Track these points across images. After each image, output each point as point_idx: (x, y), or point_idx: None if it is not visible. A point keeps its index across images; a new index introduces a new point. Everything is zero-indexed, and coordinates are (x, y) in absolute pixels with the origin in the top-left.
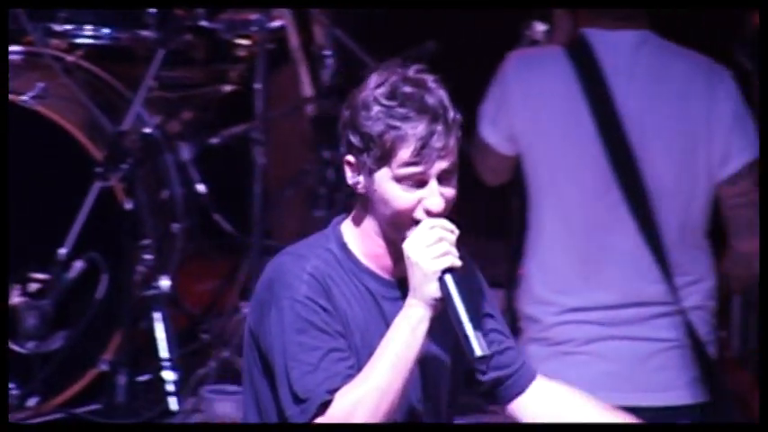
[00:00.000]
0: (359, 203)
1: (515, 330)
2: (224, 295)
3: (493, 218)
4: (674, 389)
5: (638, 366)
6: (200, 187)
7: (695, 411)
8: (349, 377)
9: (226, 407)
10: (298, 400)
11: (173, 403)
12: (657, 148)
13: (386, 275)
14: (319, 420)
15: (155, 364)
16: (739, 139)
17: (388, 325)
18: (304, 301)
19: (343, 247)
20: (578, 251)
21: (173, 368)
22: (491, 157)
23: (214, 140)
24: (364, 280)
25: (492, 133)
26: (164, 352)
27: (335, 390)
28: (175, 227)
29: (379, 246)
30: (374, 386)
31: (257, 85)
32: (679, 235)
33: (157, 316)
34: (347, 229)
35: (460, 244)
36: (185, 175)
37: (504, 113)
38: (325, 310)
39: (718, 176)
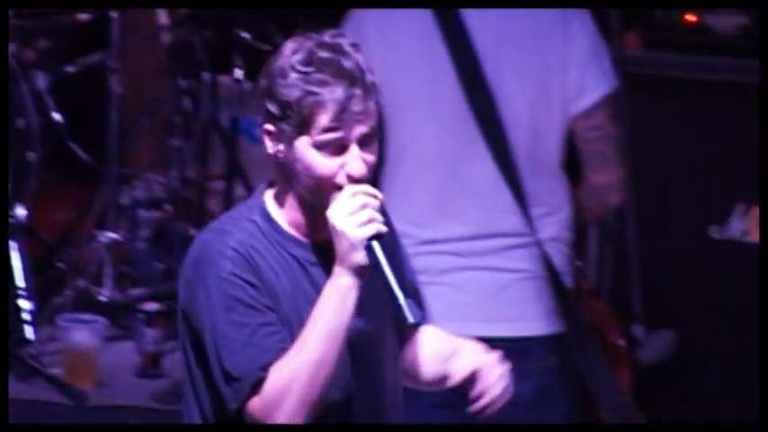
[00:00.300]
0: (280, 172)
1: None
2: (79, 224)
3: None
4: (529, 319)
5: (493, 297)
6: (56, 116)
7: (550, 342)
8: (281, 351)
9: (82, 335)
10: (230, 378)
11: (29, 332)
12: (512, 81)
13: (310, 241)
14: (255, 398)
15: (10, 292)
16: (594, 73)
17: (317, 290)
18: (229, 278)
19: (267, 216)
20: (434, 184)
21: (28, 297)
22: None
23: (70, 69)
24: (289, 248)
25: None
26: (19, 281)
27: (268, 366)
28: (31, 155)
29: (302, 213)
30: (307, 359)
31: (113, 14)
32: (534, 167)
33: (13, 245)
34: (269, 198)
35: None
36: (41, 103)
37: (362, 45)
38: (251, 284)
39: (573, 110)
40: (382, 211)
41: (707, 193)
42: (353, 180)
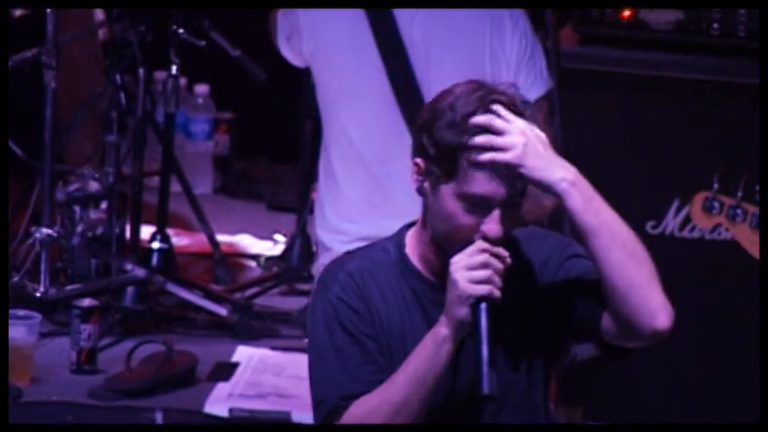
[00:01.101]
0: (424, 207)
1: (311, 254)
2: (15, 220)
3: (285, 142)
4: None
5: None
6: None
7: None
8: (367, 383)
9: (17, 331)
10: (315, 400)
11: None
12: (442, 78)
13: (435, 280)
14: (335, 424)
15: None
16: (527, 76)
17: (430, 326)
18: (334, 302)
19: (400, 247)
20: (367, 180)
21: None
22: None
23: None
24: (412, 282)
25: (287, 50)
26: None
27: (351, 396)
28: None
29: (433, 251)
30: (387, 400)
31: (48, 9)
32: None
33: None
34: (411, 232)
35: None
36: None
37: (297, 38)
38: (354, 311)
39: None
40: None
41: (645, 188)
42: (488, 241)
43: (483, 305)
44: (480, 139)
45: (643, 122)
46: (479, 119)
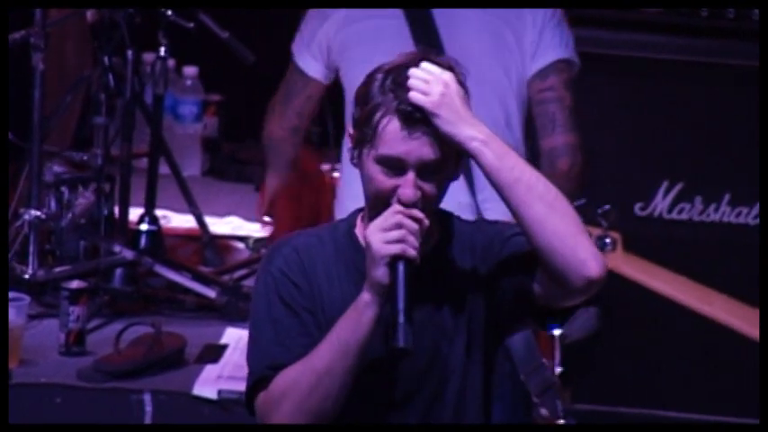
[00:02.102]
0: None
1: None
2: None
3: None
4: None
5: None
6: None
7: None
8: (302, 355)
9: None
10: (250, 373)
11: None
12: (472, 37)
13: None
14: (261, 395)
15: None
16: (551, 39)
17: None
18: (275, 274)
19: (350, 227)
20: None
21: None
22: (311, 86)
23: None
24: (356, 259)
25: (311, 64)
26: None
27: (279, 366)
28: None
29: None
30: (311, 367)
31: None
32: None
33: None
34: (362, 213)
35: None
36: None
37: (324, 47)
38: (294, 284)
39: (528, 72)
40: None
41: (633, 170)
42: (402, 203)
43: (400, 265)
44: (406, 77)
45: (632, 104)
46: (408, 72)
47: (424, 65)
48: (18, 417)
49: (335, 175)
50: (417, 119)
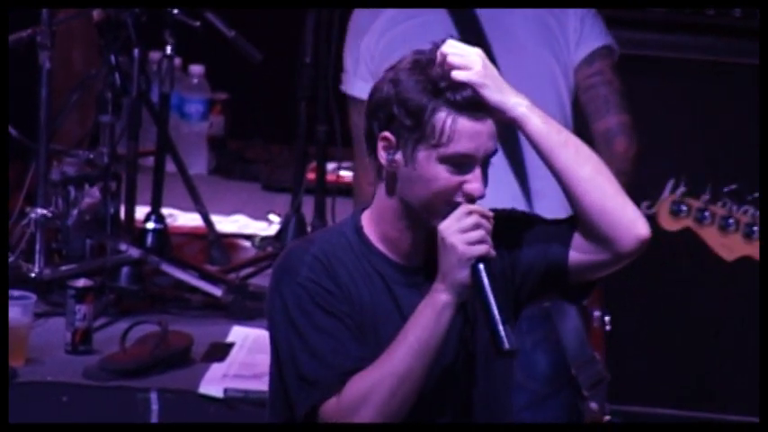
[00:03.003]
0: (384, 186)
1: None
2: (10, 200)
3: (280, 122)
4: None
5: None
6: None
7: (544, 312)
8: (361, 359)
9: (13, 312)
10: (306, 382)
11: None
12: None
13: (401, 261)
14: (331, 402)
15: None
16: (592, 27)
17: (400, 310)
18: (305, 284)
19: (359, 231)
20: None
21: None
22: None
23: None
24: (376, 264)
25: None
26: None
27: (346, 372)
28: None
29: (398, 230)
30: (392, 371)
31: None
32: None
33: None
34: (367, 214)
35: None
36: None
37: (365, 64)
38: (328, 291)
39: (575, 59)
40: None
41: (640, 168)
42: (471, 199)
43: (481, 265)
44: (441, 58)
45: (637, 103)
46: (438, 55)
47: (450, 42)
48: (24, 415)
49: (342, 173)
50: (477, 106)
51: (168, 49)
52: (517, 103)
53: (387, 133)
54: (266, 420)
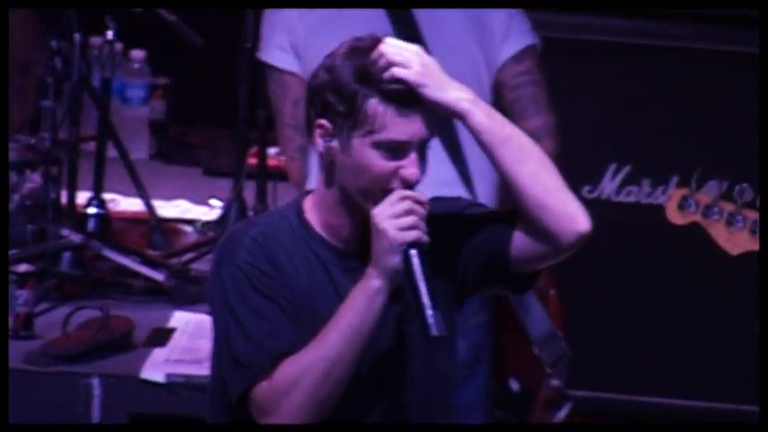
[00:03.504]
0: (325, 170)
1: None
2: None
3: (221, 107)
4: None
5: None
6: None
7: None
8: (296, 342)
9: None
10: (239, 365)
11: None
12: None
13: (340, 246)
14: (263, 385)
15: None
16: (520, 23)
17: (338, 295)
18: (243, 267)
19: (300, 215)
20: None
21: None
22: (291, 86)
23: None
24: (315, 248)
25: (281, 56)
26: None
27: (279, 355)
28: None
29: (337, 216)
30: (323, 355)
31: None
32: None
33: None
34: (309, 199)
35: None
36: None
37: (286, 36)
38: (266, 274)
39: (502, 56)
40: (426, 221)
41: (581, 152)
42: (407, 185)
43: (414, 251)
44: (379, 55)
45: (579, 88)
46: (377, 50)
47: (389, 40)
48: None
49: (283, 158)
50: (411, 97)
51: (109, 34)
52: (459, 98)
53: (323, 120)
54: (207, 404)
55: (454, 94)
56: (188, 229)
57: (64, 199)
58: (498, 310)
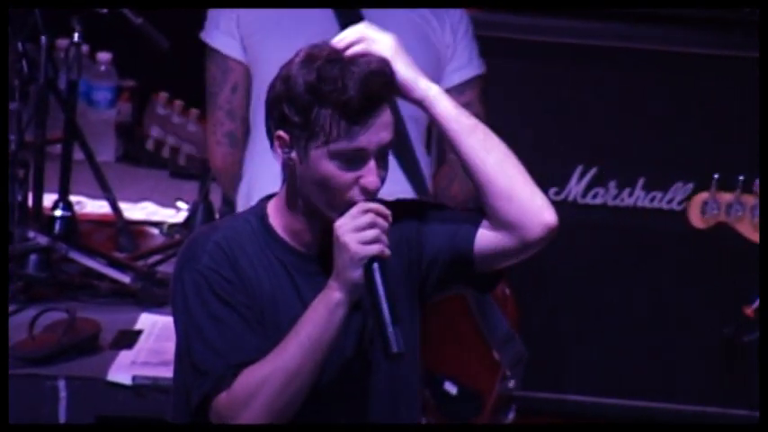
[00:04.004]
0: (288, 180)
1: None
2: None
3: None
4: None
5: None
6: None
7: None
8: (257, 351)
9: None
10: (198, 372)
11: None
12: None
13: (303, 250)
14: (222, 395)
15: None
16: (468, 49)
17: (300, 299)
18: (204, 272)
19: (262, 219)
20: None
21: None
22: (232, 72)
23: None
24: (279, 253)
25: (226, 41)
26: None
27: (238, 364)
28: None
29: (300, 221)
30: (282, 366)
31: None
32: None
33: None
34: (272, 203)
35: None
36: None
37: (234, 23)
38: (227, 280)
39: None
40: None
41: (547, 153)
42: (368, 194)
43: (376, 265)
44: (346, 35)
45: (544, 89)
46: (335, 41)
47: (365, 24)
48: None
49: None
50: (365, 104)
51: (76, 36)
52: (428, 86)
53: (281, 132)
54: (170, 407)
55: (425, 81)
56: (155, 231)
57: (30, 201)
58: (449, 311)
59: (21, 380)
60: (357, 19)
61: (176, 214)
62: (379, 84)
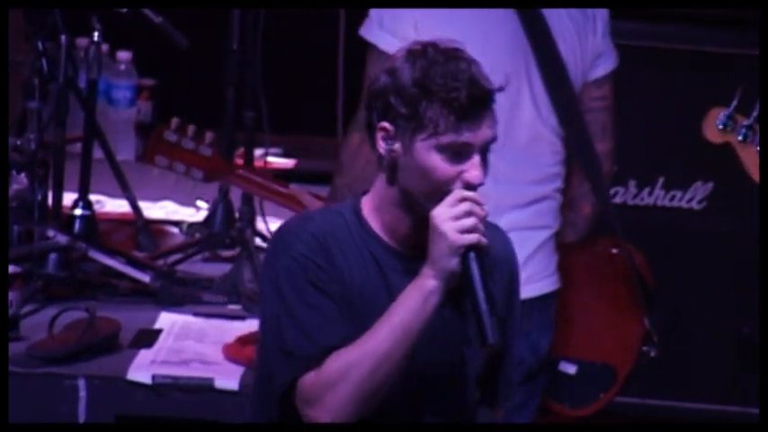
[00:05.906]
0: (385, 173)
1: (233, 221)
2: None
3: (208, 109)
4: (552, 274)
5: (532, 257)
6: None
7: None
8: (346, 338)
9: None
10: (287, 354)
11: None
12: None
13: (397, 247)
14: (310, 376)
15: None
16: (608, 46)
17: (390, 295)
18: (299, 259)
19: (357, 213)
20: None
21: None
22: None
23: None
24: (371, 246)
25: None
26: None
27: (329, 348)
28: None
29: (397, 217)
30: (371, 351)
31: None
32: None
33: None
34: (367, 198)
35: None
36: None
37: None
38: (320, 268)
39: (588, 76)
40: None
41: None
42: (470, 188)
43: (472, 254)
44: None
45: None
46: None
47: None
48: None
49: (270, 159)
50: (474, 101)
51: (95, 35)
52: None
53: (385, 123)
54: (251, 393)
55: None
56: (174, 230)
57: (50, 200)
58: (597, 280)
59: (40, 379)
60: (539, 20)
61: (196, 213)
62: (485, 85)
